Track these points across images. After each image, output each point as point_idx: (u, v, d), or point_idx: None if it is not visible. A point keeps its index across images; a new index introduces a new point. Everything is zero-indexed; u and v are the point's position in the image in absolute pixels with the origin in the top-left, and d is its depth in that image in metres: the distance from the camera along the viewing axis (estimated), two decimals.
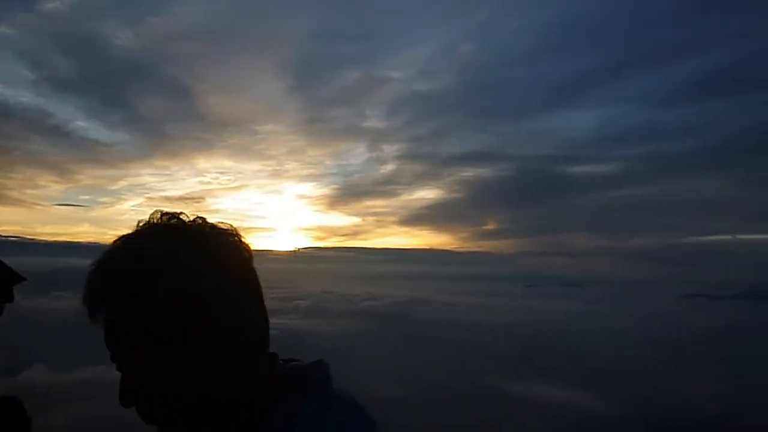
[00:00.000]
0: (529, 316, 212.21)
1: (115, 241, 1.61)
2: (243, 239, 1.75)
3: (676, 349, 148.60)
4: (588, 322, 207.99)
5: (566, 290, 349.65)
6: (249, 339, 1.63)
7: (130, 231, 1.61)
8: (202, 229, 1.64)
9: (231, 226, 1.76)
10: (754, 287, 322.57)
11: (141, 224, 1.66)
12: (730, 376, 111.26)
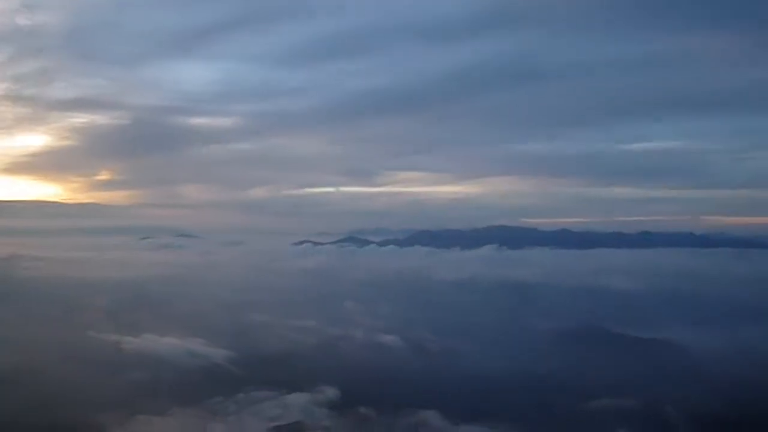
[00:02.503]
0: (143, 269, 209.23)
1: None
2: None
3: (283, 292, 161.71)
4: (203, 272, 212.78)
5: (182, 241, 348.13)
6: None
7: None
8: None
9: None
10: (351, 234, 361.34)
11: None
12: (327, 312, 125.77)
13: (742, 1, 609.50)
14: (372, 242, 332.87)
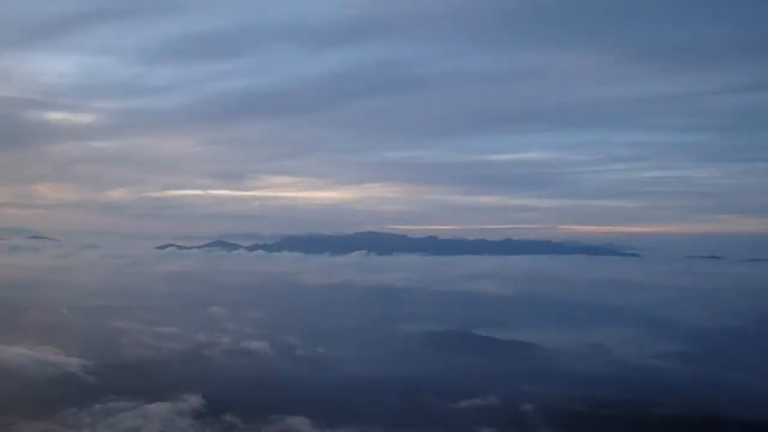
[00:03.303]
0: None
1: None
2: None
3: (145, 297, 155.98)
4: (58, 277, 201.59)
5: (36, 243, 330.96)
6: None
7: None
8: None
9: None
10: (219, 238, 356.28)
11: None
12: (192, 318, 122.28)
13: (603, 22, 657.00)
14: (241, 247, 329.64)
